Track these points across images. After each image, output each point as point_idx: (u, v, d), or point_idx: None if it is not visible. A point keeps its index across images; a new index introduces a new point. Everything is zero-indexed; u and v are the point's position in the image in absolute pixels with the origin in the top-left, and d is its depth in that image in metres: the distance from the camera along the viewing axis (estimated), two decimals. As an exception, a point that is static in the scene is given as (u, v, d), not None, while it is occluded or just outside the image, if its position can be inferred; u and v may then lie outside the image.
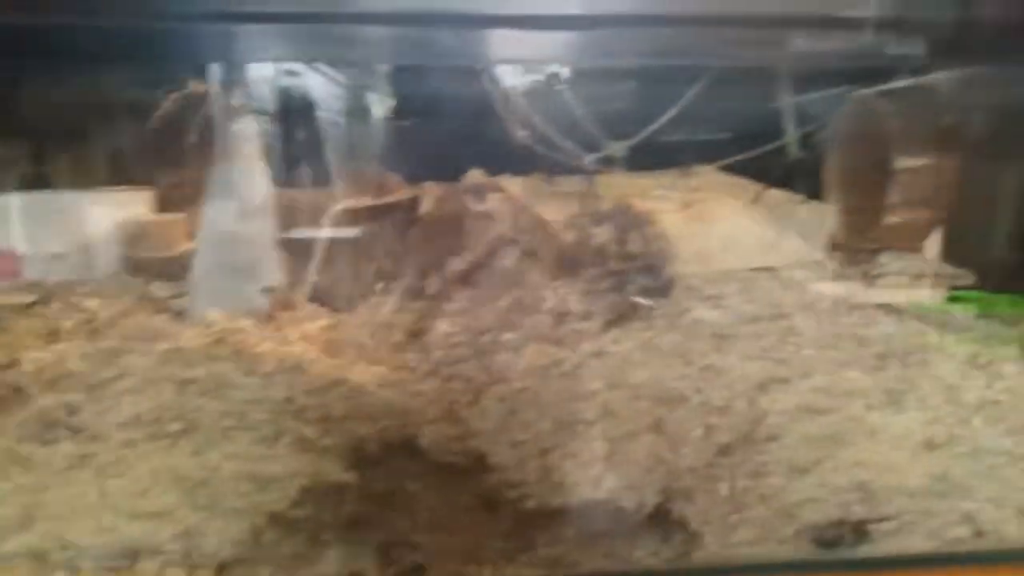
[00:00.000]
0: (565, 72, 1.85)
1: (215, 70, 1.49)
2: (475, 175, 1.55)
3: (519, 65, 1.75)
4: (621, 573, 1.30)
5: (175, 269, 1.51)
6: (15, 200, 1.58)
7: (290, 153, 1.87)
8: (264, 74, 1.76)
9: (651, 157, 1.95)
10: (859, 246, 1.74)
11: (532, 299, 1.30)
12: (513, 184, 1.88)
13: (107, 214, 1.57)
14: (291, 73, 1.75)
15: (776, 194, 1.73)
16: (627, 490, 1.24)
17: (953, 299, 1.68)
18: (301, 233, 1.59)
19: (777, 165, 1.64)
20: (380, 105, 2.02)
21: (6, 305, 1.39)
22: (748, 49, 1.16)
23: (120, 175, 1.70)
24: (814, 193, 1.79)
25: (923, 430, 1.28)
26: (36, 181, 1.67)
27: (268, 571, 1.21)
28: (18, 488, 1.12)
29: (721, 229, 1.50)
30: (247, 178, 1.35)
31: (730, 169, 1.98)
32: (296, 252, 1.62)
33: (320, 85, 1.84)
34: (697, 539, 1.29)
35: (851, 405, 1.26)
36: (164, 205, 1.69)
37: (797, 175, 1.64)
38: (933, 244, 1.78)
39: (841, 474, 1.28)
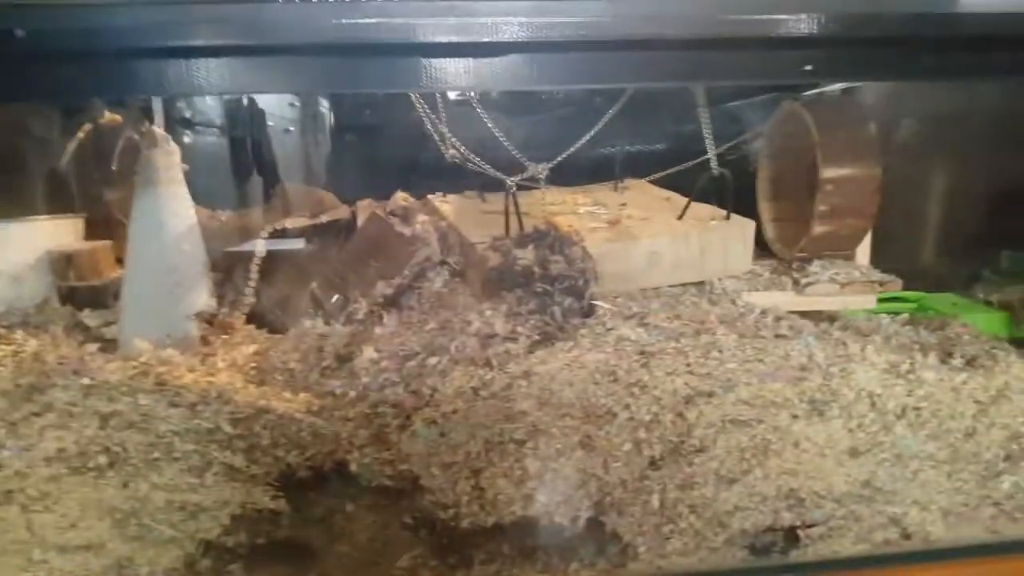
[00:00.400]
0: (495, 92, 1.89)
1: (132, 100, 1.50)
2: (400, 196, 1.57)
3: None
4: (557, 587, 1.33)
5: (105, 297, 1.51)
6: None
7: (226, 173, 1.89)
8: (190, 100, 1.78)
9: (584, 171, 2.00)
10: (791, 255, 1.78)
11: (459, 321, 1.32)
12: (444, 202, 1.90)
13: (35, 243, 1.56)
14: (221, 99, 1.78)
15: (703, 207, 1.76)
16: (560, 505, 1.26)
17: (891, 299, 1.72)
18: (235, 252, 1.59)
19: (708, 177, 1.67)
20: (314, 126, 2.04)
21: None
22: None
23: (47, 204, 1.69)
24: (747, 205, 1.84)
25: (847, 438, 1.32)
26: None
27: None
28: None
29: (646, 246, 1.52)
30: (169, 204, 1.35)
31: (662, 181, 2.03)
32: (233, 273, 1.63)
33: (252, 109, 1.86)
34: (631, 550, 1.33)
35: (776, 416, 1.29)
36: (93, 233, 1.69)
37: (729, 186, 1.67)
38: (864, 249, 1.83)
39: (770, 483, 1.32)
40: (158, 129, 1.35)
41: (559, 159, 1.67)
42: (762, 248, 1.89)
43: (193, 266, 1.40)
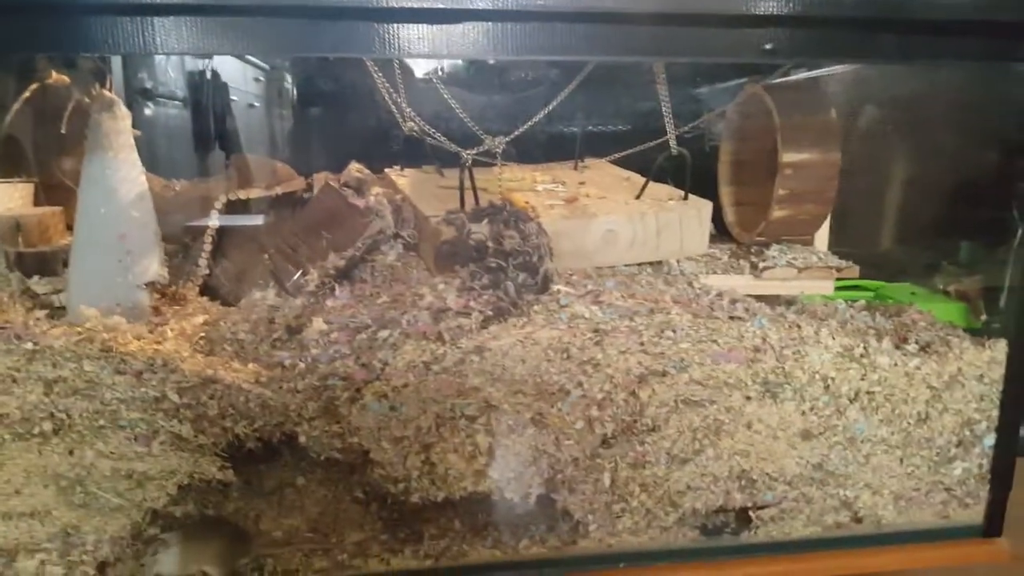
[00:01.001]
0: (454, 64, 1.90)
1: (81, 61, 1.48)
2: (354, 168, 1.57)
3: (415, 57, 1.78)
4: (507, 563, 1.35)
5: (54, 264, 1.50)
6: None
7: (188, 145, 1.89)
8: (153, 71, 1.77)
9: (545, 150, 2.01)
10: (749, 239, 1.80)
11: (412, 295, 1.32)
12: (402, 176, 1.90)
13: (-17, 208, 1.55)
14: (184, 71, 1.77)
15: (662, 188, 1.78)
16: (511, 482, 1.28)
17: (850, 287, 1.74)
18: (192, 224, 1.59)
19: (667, 157, 1.69)
20: (279, 100, 2.04)
21: None
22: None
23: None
24: (708, 187, 1.85)
25: (800, 420, 1.34)
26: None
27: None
28: None
29: (602, 224, 1.54)
30: (119, 170, 1.34)
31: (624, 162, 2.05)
32: (186, 244, 1.62)
33: (216, 82, 1.85)
34: (582, 528, 1.34)
35: (729, 396, 1.31)
36: (45, 198, 1.68)
37: (687, 167, 1.69)
38: (823, 235, 1.86)
39: (721, 463, 1.34)
40: (108, 92, 1.34)
41: (516, 133, 1.67)
42: (722, 232, 1.91)
43: (144, 234, 1.39)
